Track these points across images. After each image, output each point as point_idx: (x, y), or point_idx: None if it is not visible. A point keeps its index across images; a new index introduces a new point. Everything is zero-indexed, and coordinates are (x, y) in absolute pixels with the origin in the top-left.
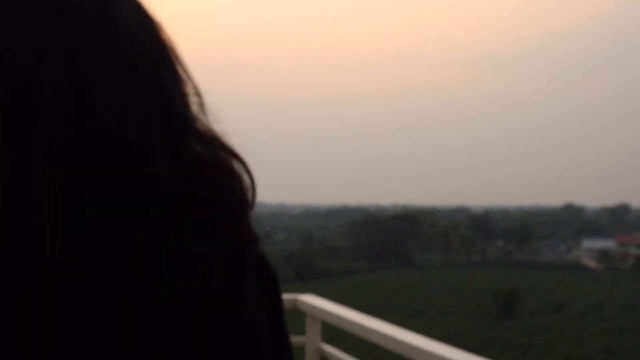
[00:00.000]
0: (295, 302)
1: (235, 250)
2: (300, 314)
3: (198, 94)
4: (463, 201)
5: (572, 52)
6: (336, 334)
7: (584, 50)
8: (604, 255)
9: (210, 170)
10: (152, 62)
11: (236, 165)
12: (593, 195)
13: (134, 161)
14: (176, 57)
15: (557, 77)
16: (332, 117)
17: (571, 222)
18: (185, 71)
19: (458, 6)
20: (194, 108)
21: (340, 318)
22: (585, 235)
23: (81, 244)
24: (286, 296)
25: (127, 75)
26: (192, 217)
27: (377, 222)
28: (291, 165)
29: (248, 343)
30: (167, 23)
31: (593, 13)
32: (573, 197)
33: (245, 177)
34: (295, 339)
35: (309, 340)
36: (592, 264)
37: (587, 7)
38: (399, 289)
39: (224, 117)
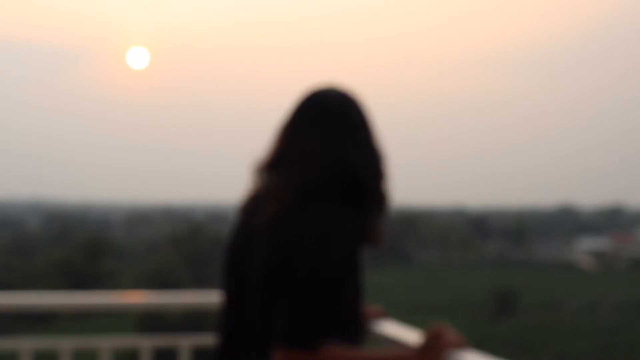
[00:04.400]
0: None
1: None
2: None
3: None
4: (460, 201)
5: (569, 55)
6: None
7: (575, 52)
8: (598, 254)
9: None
10: (365, 137)
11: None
12: (588, 195)
13: (356, 177)
14: (373, 129)
15: (555, 77)
16: None
17: (566, 221)
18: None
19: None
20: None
21: None
22: (581, 234)
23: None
24: None
25: (355, 143)
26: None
27: None
28: None
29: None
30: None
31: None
32: (568, 196)
33: (390, 178)
34: None
35: None
36: (587, 263)
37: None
38: (396, 288)
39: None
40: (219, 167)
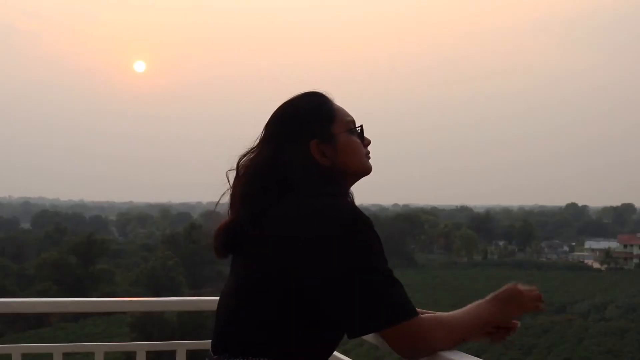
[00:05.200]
0: None
1: None
2: None
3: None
4: (464, 201)
5: (569, 59)
6: None
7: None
8: (606, 255)
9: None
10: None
11: None
12: (596, 195)
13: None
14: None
15: (560, 77)
16: None
17: (574, 222)
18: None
19: None
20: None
21: None
22: (588, 236)
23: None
24: None
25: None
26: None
27: (377, 222)
28: None
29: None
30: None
31: None
32: (576, 197)
33: None
34: None
35: None
36: (594, 264)
37: None
38: None
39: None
40: (216, 167)
